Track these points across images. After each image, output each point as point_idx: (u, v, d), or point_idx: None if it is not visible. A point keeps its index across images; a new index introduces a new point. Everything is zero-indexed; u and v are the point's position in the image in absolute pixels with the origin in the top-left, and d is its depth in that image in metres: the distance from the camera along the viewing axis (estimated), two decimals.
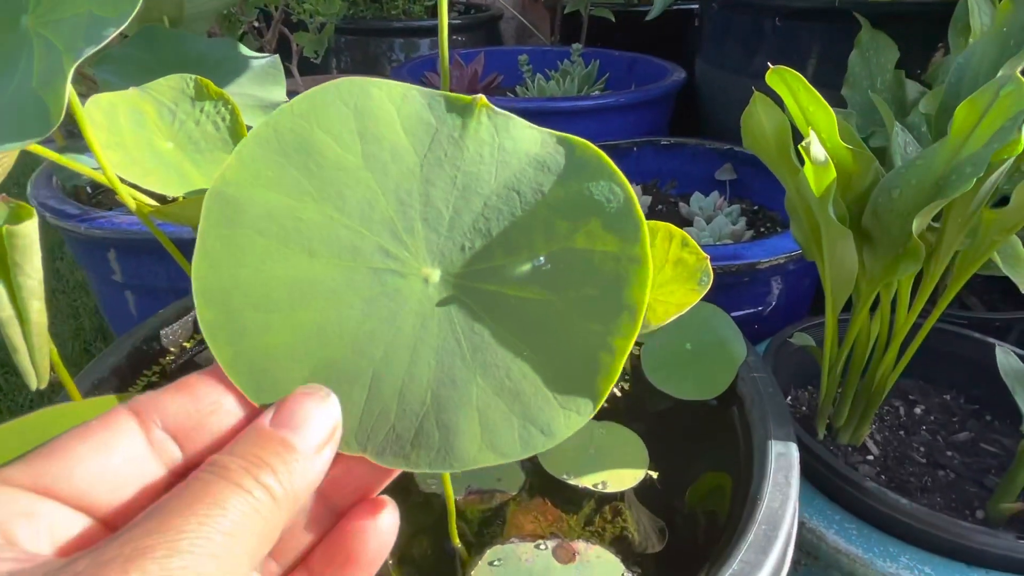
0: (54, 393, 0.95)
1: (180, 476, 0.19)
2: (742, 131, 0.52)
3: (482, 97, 0.24)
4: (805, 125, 0.49)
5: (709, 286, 0.41)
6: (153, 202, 0.44)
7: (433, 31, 1.48)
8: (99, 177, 0.44)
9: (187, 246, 0.66)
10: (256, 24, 1.23)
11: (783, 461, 0.39)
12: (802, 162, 0.46)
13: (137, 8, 0.30)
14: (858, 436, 0.63)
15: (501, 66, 1.43)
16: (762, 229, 0.94)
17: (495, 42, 1.68)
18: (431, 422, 0.20)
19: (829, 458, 0.52)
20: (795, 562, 0.55)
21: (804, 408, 0.68)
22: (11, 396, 1.04)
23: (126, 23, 0.29)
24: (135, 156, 0.46)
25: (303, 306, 0.21)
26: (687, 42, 1.48)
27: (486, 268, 0.22)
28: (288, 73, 1.24)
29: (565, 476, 0.43)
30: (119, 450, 0.18)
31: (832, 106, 0.50)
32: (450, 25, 1.56)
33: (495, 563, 0.36)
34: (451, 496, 0.36)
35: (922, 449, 0.63)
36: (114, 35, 0.29)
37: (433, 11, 1.64)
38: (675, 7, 1.46)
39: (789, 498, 0.37)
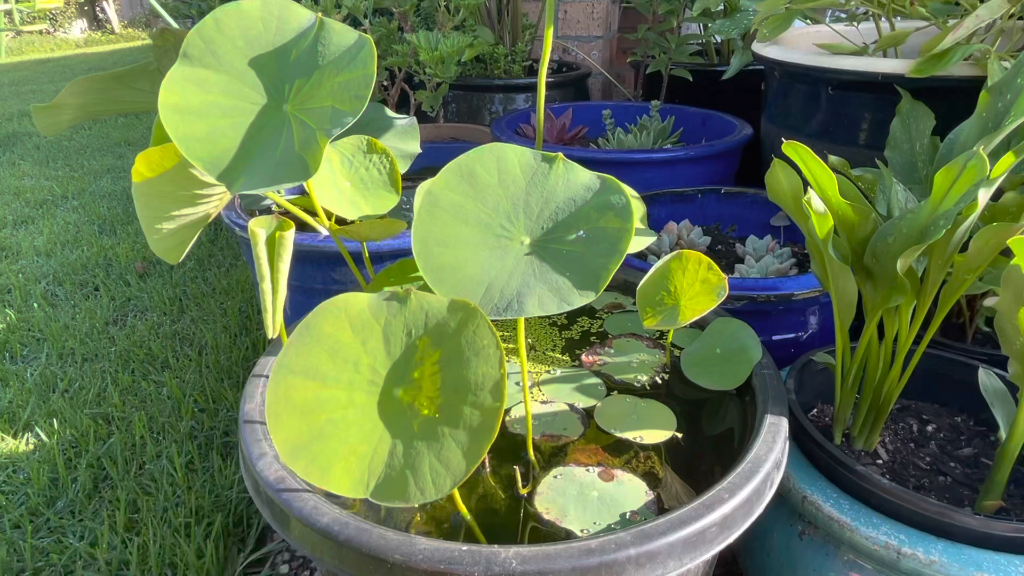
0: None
1: None
2: (767, 188, 0.67)
3: (561, 154, 0.46)
4: (815, 184, 0.64)
5: (724, 297, 0.57)
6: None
7: (528, 88, 1.70)
8: (283, 202, 0.65)
9: (355, 256, 0.90)
10: (384, 84, 1.49)
11: (772, 428, 0.54)
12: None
13: (365, 107, 0.49)
14: (870, 442, 0.75)
15: (588, 118, 1.62)
16: (809, 270, 1.06)
17: (583, 97, 1.88)
18: (515, 303, 0.40)
19: (829, 447, 0.65)
20: (800, 533, 0.67)
21: (827, 419, 0.80)
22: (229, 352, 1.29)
23: (359, 115, 0.49)
24: (327, 191, 0.67)
25: (460, 248, 0.42)
26: (759, 101, 1.61)
27: (553, 237, 0.43)
28: None
29: (613, 430, 0.59)
30: None
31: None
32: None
33: (557, 476, 0.53)
34: (522, 335, 0.54)
35: (928, 459, 0.74)
36: (351, 123, 0.49)
37: (529, 70, 1.86)
38: (750, 68, 1.61)
39: (772, 450, 0.51)
